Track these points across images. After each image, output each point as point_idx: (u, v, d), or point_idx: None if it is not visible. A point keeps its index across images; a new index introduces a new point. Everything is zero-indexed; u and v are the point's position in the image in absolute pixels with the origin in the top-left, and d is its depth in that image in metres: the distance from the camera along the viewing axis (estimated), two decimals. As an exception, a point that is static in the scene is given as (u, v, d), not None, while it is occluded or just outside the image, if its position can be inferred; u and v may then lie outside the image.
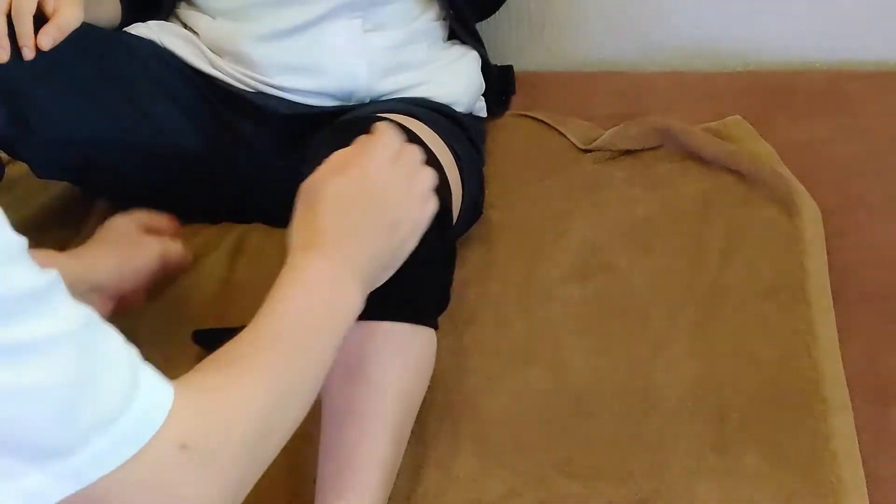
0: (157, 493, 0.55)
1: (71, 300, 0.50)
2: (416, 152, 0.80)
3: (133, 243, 1.00)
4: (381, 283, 0.78)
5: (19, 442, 0.48)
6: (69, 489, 0.50)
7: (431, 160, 0.98)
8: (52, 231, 1.20)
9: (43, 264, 0.50)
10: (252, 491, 0.99)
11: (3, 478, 0.48)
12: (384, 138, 0.77)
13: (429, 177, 0.80)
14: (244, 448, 0.60)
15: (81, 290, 0.90)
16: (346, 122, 0.97)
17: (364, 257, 0.74)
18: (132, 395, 0.52)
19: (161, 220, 1.07)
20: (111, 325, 0.54)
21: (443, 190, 0.98)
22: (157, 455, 0.53)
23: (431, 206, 0.79)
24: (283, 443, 0.66)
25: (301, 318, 0.68)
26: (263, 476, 0.99)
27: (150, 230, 1.05)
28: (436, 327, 0.96)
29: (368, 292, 0.76)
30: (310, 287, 0.70)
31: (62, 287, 0.50)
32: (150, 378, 0.55)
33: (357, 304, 0.73)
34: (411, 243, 0.78)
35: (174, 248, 1.04)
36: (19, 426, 0.47)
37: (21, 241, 0.49)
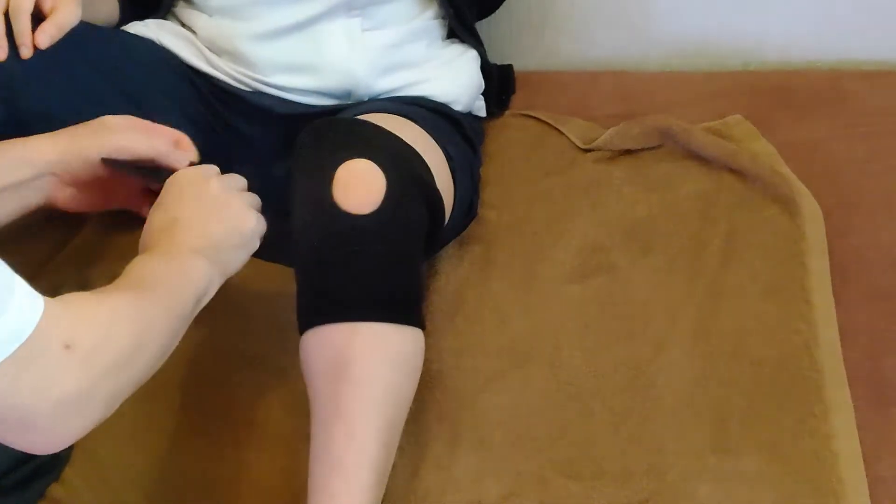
0: (45, 388, 0.61)
1: None
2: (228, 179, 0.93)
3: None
4: (236, 261, 0.89)
5: None
6: None
7: (420, 163, 0.98)
8: (49, 230, 1.20)
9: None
10: (253, 490, 0.99)
11: None
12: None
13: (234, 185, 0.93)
14: (121, 358, 0.68)
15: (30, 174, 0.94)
16: (325, 123, 0.97)
17: (197, 240, 0.85)
18: (8, 296, 0.58)
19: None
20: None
21: (434, 191, 0.98)
22: (44, 351, 0.60)
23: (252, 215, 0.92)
24: (151, 371, 0.74)
25: (155, 275, 0.79)
26: (264, 475, 1.00)
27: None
28: (422, 327, 0.96)
29: (220, 266, 0.86)
30: (157, 258, 0.81)
31: None
32: (22, 285, 0.60)
33: (204, 269, 0.84)
34: (242, 230, 0.90)
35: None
36: None
37: None
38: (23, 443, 0.64)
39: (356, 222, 0.90)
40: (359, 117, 0.98)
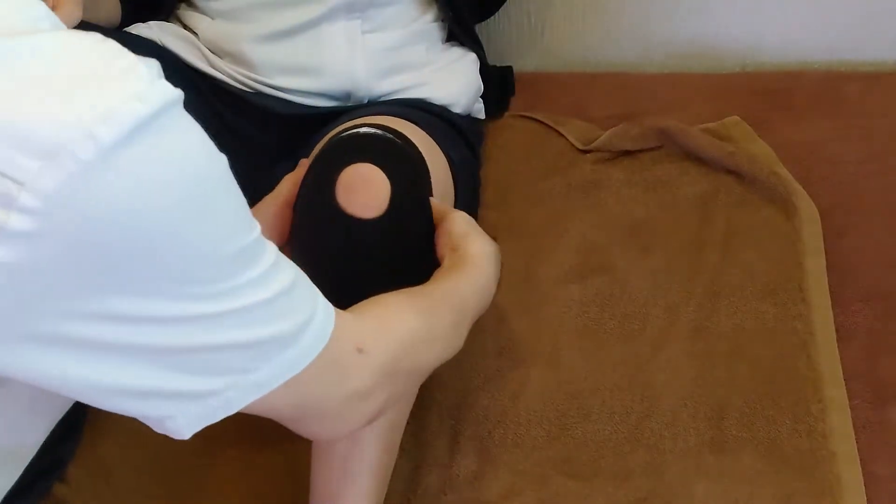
0: (340, 383, 0.67)
1: (266, 240, 0.61)
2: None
3: None
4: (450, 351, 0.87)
5: (252, 347, 0.59)
6: (284, 377, 0.61)
7: (423, 166, 0.99)
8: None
9: None
10: (254, 490, 1.00)
11: (240, 375, 0.59)
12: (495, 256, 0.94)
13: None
14: (400, 367, 0.73)
15: None
16: (345, 139, 0.97)
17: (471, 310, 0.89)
18: (316, 299, 0.65)
19: None
20: None
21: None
22: (342, 354, 0.66)
23: None
24: (423, 377, 0.81)
25: (444, 300, 0.83)
26: (264, 477, 1.00)
27: None
28: None
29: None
30: (460, 286, 0.86)
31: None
32: (320, 295, 0.67)
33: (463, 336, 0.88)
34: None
35: None
36: (252, 334, 0.58)
37: (244, 200, 0.58)
38: (318, 431, 0.71)
39: (360, 227, 0.90)
40: (363, 129, 0.98)
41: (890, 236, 1.16)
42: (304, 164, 0.96)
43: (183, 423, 0.60)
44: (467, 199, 1.16)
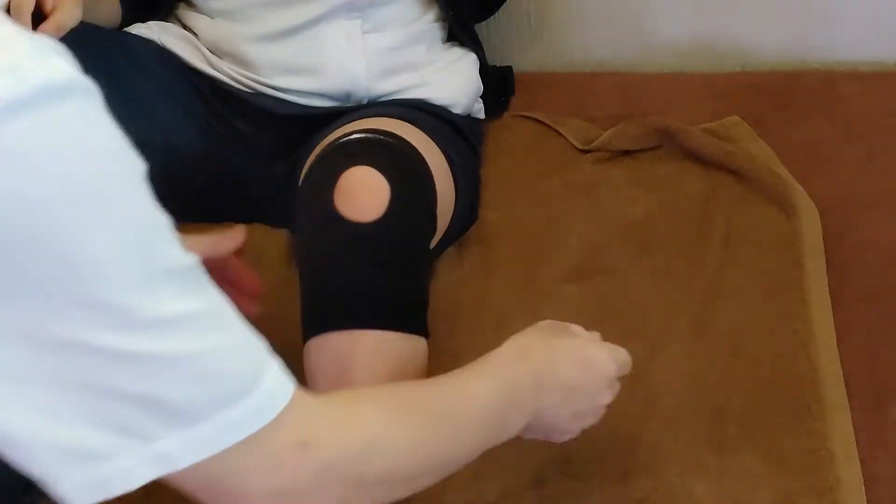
0: (264, 477, 0.56)
1: (208, 282, 0.52)
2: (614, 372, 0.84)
3: None
4: (533, 433, 0.81)
5: (157, 405, 0.50)
6: (195, 457, 0.52)
7: (423, 168, 0.99)
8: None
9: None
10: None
11: (139, 440, 0.51)
12: (606, 360, 0.84)
13: (612, 395, 0.84)
14: (365, 476, 0.61)
15: None
16: (343, 143, 0.97)
17: (547, 408, 0.78)
18: (260, 376, 0.54)
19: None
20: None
21: (433, 202, 0.98)
22: (277, 445, 0.55)
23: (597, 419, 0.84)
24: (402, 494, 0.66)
25: (472, 403, 0.72)
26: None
27: None
28: (426, 335, 0.95)
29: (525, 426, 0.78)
30: (499, 389, 0.74)
31: (201, 269, 0.52)
32: (275, 365, 0.57)
33: (519, 426, 0.77)
34: (571, 433, 0.83)
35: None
36: (159, 390, 0.50)
37: (169, 221, 0.51)
38: None
39: (359, 231, 0.89)
40: (357, 136, 0.98)
41: (890, 236, 1.16)
42: (238, 230, 0.92)
43: (68, 489, 0.50)
44: (468, 199, 1.16)
